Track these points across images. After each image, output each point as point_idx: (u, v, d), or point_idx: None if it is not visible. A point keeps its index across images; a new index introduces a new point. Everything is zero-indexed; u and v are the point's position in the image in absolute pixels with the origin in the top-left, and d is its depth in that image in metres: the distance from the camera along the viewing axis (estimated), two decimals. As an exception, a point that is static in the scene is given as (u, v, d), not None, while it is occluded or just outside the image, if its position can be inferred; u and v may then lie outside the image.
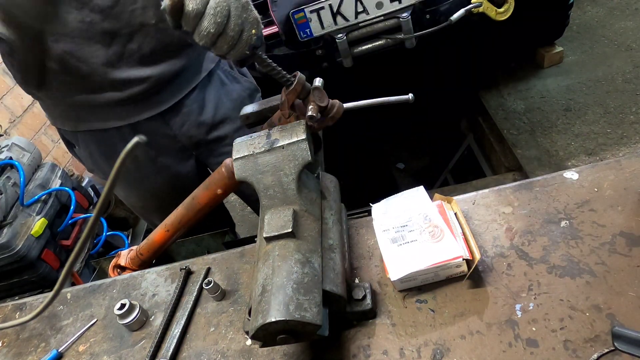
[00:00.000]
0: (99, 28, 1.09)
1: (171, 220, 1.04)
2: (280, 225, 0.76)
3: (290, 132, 0.81)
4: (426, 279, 0.80)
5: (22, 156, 2.37)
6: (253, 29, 0.73)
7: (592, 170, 0.90)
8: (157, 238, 1.08)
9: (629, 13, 3.18)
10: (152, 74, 1.20)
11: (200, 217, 1.02)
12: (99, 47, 1.11)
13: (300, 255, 0.74)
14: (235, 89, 1.41)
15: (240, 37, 0.72)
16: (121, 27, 1.11)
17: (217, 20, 0.68)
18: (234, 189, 0.95)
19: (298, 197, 0.80)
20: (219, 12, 0.68)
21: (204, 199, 0.98)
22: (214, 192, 0.95)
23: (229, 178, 0.92)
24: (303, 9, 2.08)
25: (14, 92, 2.92)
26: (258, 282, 0.73)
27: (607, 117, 2.53)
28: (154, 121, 1.28)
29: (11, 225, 2.09)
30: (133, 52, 1.15)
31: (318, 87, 0.82)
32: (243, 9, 0.71)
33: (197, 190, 0.99)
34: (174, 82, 1.26)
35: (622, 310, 0.68)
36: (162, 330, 0.89)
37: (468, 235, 0.81)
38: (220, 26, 0.69)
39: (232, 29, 0.70)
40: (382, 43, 2.22)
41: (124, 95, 1.20)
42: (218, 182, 0.94)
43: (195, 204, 1.00)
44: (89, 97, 1.19)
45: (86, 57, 1.11)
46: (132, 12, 1.11)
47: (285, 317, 0.66)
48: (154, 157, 1.36)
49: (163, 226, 1.06)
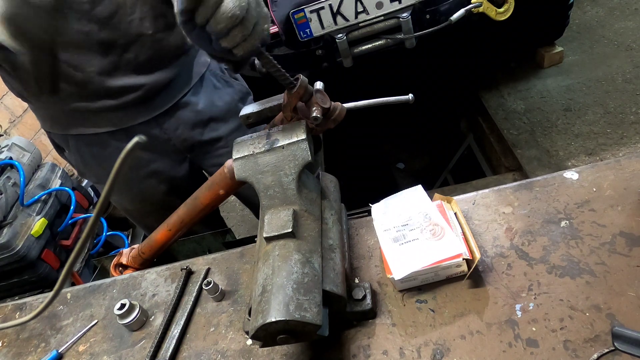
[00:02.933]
0: (96, 38, 1.09)
1: (173, 219, 1.04)
2: (280, 225, 0.76)
3: (291, 132, 0.81)
4: (426, 278, 0.80)
5: (22, 156, 2.37)
6: (265, 23, 0.71)
7: (592, 170, 0.90)
8: (159, 237, 1.08)
9: (629, 13, 3.18)
10: (147, 81, 1.21)
11: (202, 217, 1.02)
12: (95, 56, 1.12)
13: (300, 255, 0.74)
14: (228, 92, 1.42)
15: (254, 29, 0.69)
16: (118, 37, 1.12)
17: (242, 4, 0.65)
18: (236, 189, 0.95)
19: (298, 197, 0.80)
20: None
21: (206, 199, 0.98)
22: (216, 192, 0.96)
23: (231, 178, 0.92)
24: (303, 9, 2.08)
25: (14, 92, 2.92)
26: (258, 282, 0.73)
27: (607, 117, 2.53)
28: (147, 125, 1.29)
29: (11, 225, 2.10)
30: (129, 61, 1.16)
31: (320, 90, 0.82)
32: (258, 2, 0.69)
33: (199, 191, 1.00)
34: (167, 88, 1.27)
35: (622, 310, 0.68)
36: (163, 331, 0.89)
37: (468, 235, 0.81)
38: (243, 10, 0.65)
39: (248, 19, 0.67)
40: (382, 43, 2.22)
41: (119, 103, 1.21)
42: (220, 183, 0.94)
43: (198, 204, 1.00)
44: (83, 104, 1.19)
45: (82, 66, 1.12)
46: (130, 22, 1.12)
47: (286, 317, 0.66)
48: (148, 161, 1.36)
49: (165, 225, 1.06)
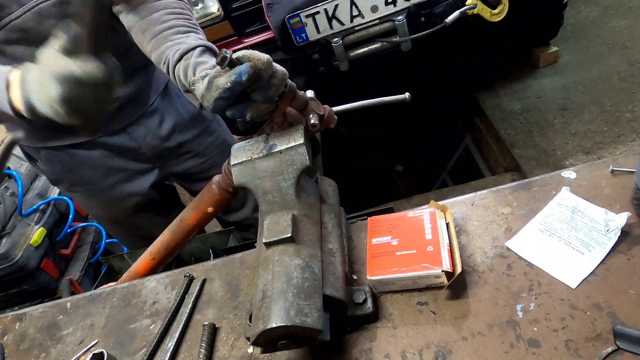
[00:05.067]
0: None
1: (157, 246, 1.01)
2: (279, 230, 0.76)
3: (288, 137, 0.81)
4: (405, 284, 0.80)
5: (19, 166, 2.37)
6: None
7: (590, 169, 0.90)
8: (141, 269, 1.04)
9: (622, 12, 3.19)
10: (123, 94, 1.23)
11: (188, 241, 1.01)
12: None
13: (300, 260, 0.74)
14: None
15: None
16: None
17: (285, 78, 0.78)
18: (225, 205, 0.95)
19: (297, 201, 0.79)
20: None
21: (194, 220, 0.97)
22: (204, 211, 0.94)
23: (220, 194, 0.91)
24: (299, 14, 2.09)
25: (11, 101, 2.91)
26: (258, 288, 0.73)
27: (604, 115, 2.53)
28: (117, 135, 1.32)
29: (10, 235, 2.09)
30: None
31: (313, 98, 0.84)
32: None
33: (185, 212, 0.98)
34: (137, 98, 1.31)
35: (623, 308, 0.68)
36: (157, 340, 0.89)
37: (455, 247, 0.80)
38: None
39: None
40: (378, 46, 2.23)
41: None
42: (208, 200, 0.93)
43: (184, 226, 0.98)
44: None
45: None
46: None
47: (286, 323, 0.66)
48: (117, 170, 1.39)
49: (148, 254, 1.03)
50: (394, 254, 0.81)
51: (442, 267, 0.76)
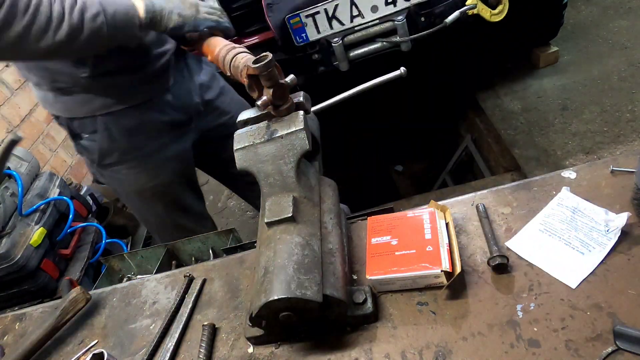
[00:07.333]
0: None
1: None
2: (280, 210, 0.80)
3: (289, 123, 0.85)
4: (405, 284, 0.80)
5: (20, 166, 2.37)
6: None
7: (590, 169, 0.90)
8: None
9: (622, 12, 3.19)
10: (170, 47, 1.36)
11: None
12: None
13: (301, 238, 0.77)
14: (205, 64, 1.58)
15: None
16: None
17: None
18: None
19: (297, 184, 0.83)
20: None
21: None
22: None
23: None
24: (299, 14, 2.09)
25: (11, 101, 2.92)
26: (260, 265, 0.76)
27: (604, 115, 2.53)
28: (164, 95, 1.39)
29: (10, 235, 2.09)
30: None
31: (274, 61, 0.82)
32: None
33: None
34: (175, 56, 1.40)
35: (623, 308, 0.68)
36: (157, 340, 0.90)
37: (454, 247, 0.81)
38: None
39: None
40: (378, 46, 2.23)
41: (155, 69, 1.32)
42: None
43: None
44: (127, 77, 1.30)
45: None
46: None
47: (287, 295, 0.69)
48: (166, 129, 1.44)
49: None
50: (394, 254, 0.81)
51: (441, 267, 0.76)
